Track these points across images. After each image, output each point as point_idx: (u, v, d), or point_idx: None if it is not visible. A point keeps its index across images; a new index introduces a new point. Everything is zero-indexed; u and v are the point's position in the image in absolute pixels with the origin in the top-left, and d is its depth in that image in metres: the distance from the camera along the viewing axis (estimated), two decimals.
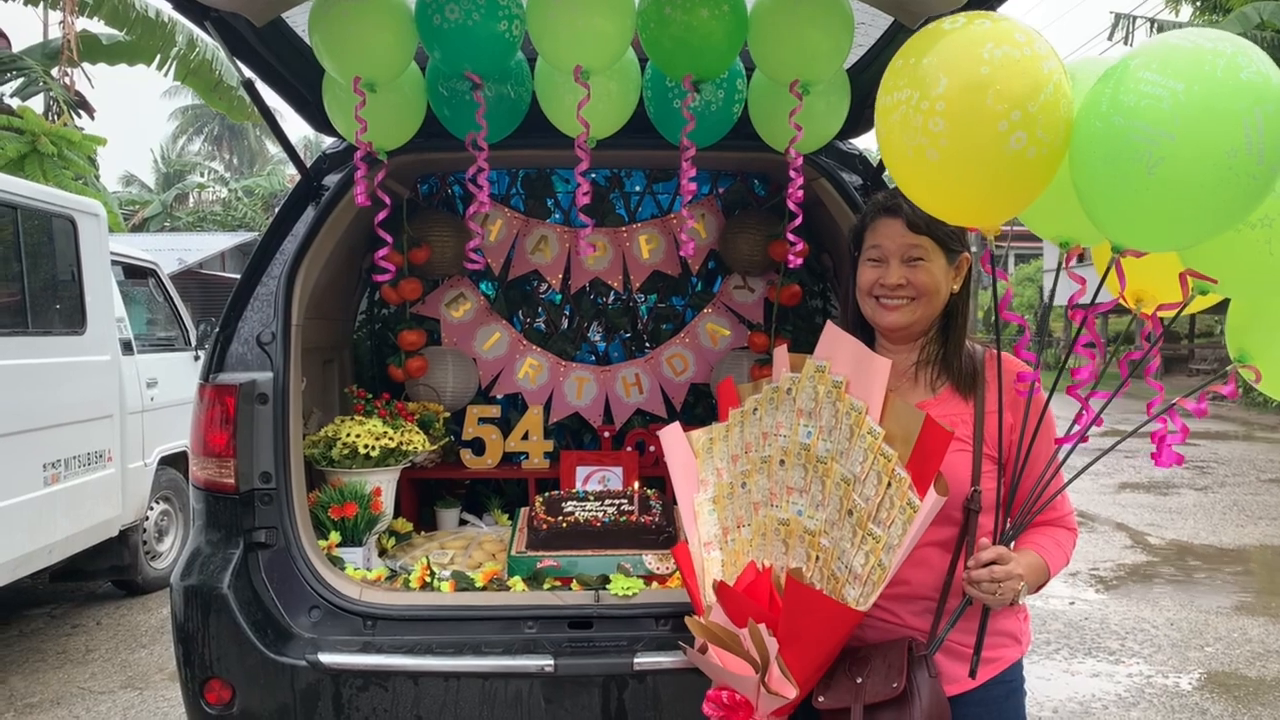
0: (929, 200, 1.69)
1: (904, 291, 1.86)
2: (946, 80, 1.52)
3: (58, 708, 4.47)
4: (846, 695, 1.75)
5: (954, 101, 1.51)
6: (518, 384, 3.93)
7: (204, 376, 2.65)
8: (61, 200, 5.35)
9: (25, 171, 8.96)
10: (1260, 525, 8.21)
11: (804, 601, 1.70)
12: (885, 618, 1.83)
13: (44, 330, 5.04)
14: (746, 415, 2.05)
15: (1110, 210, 1.55)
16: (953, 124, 1.52)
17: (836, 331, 1.87)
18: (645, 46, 2.32)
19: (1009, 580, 1.70)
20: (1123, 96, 1.46)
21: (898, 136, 1.60)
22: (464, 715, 2.41)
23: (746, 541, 1.99)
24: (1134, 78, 1.45)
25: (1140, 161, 1.43)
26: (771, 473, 1.94)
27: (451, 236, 3.67)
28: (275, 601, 2.52)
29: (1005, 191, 1.60)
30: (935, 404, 1.86)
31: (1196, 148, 1.40)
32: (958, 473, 1.78)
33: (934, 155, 1.55)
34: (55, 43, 11.68)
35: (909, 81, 1.57)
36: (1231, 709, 4.38)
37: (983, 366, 1.88)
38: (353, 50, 2.24)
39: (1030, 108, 1.50)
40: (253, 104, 2.63)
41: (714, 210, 3.91)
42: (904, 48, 1.63)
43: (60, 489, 5.03)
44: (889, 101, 1.61)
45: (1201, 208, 1.45)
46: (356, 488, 2.94)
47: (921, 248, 1.84)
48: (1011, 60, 1.50)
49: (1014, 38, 1.52)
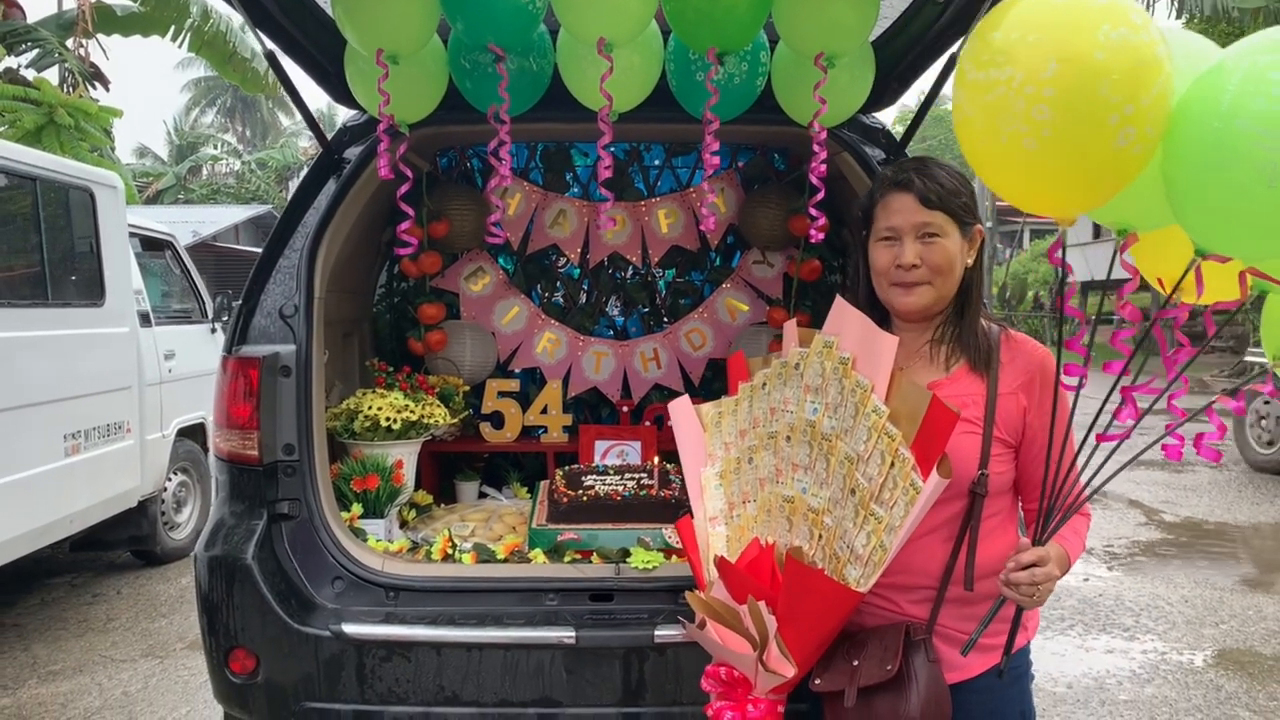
0: (1010, 187, 1.57)
1: (918, 272, 1.78)
2: (1056, 64, 1.37)
3: (80, 675, 4.53)
4: (842, 678, 1.73)
5: (1064, 87, 1.36)
6: (536, 358, 3.94)
7: (227, 349, 2.66)
8: (79, 172, 5.36)
9: (42, 143, 8.97)
10: (1275, 503, 8.19)
11: (803, 580, 1.68)
12: (884, 605, 1.81)
13: (63, 302, 5.07)
14: (755, 390, 2.04)
15: (1209, 215, 1.42)
16: (1060, 113, 1.38)
17: (845, 307, 1.82)
18: (669, 18, 2.29)
19: (1048, 582, 1.64)
20: (1250, 100, 1.32)
21: (989, 119, 1.46)
22: (486, 685, 2.43)
23: (751, 517, 1.97)
24: (1264, 78, 1.32)
25: (1260, 172, 1.31)
26: (778, 449, 1.92)
27: (471, 210, 3.67)
28: (299, 572, 2.54)
29: (1098, 186, 1.49)
30: (948, 383, 1.80)
31: None
32: (965, 455, 1.73)
33: (1031, 144, 1.42)
34: (70, 14, 11.66)
35: (1010, 59, 1.41)
36: (1246, 685, 4.39)
37: (998, 346, 1.81)
38: (376, 22, 2.23)
39: (1144, 100, 1.36)
40: (275, 76, 2.61)
41: (734, 184, 3.88)
42: (996, 16, 1.47)
43: (80, 460, 5.08)
44: (982, 78, 1.45)
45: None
46: (378, 460, 2.96)
47: (935, 224, 1.76)
48: (1129, 45, 1.35)
49: (1130, 18, 1.37)
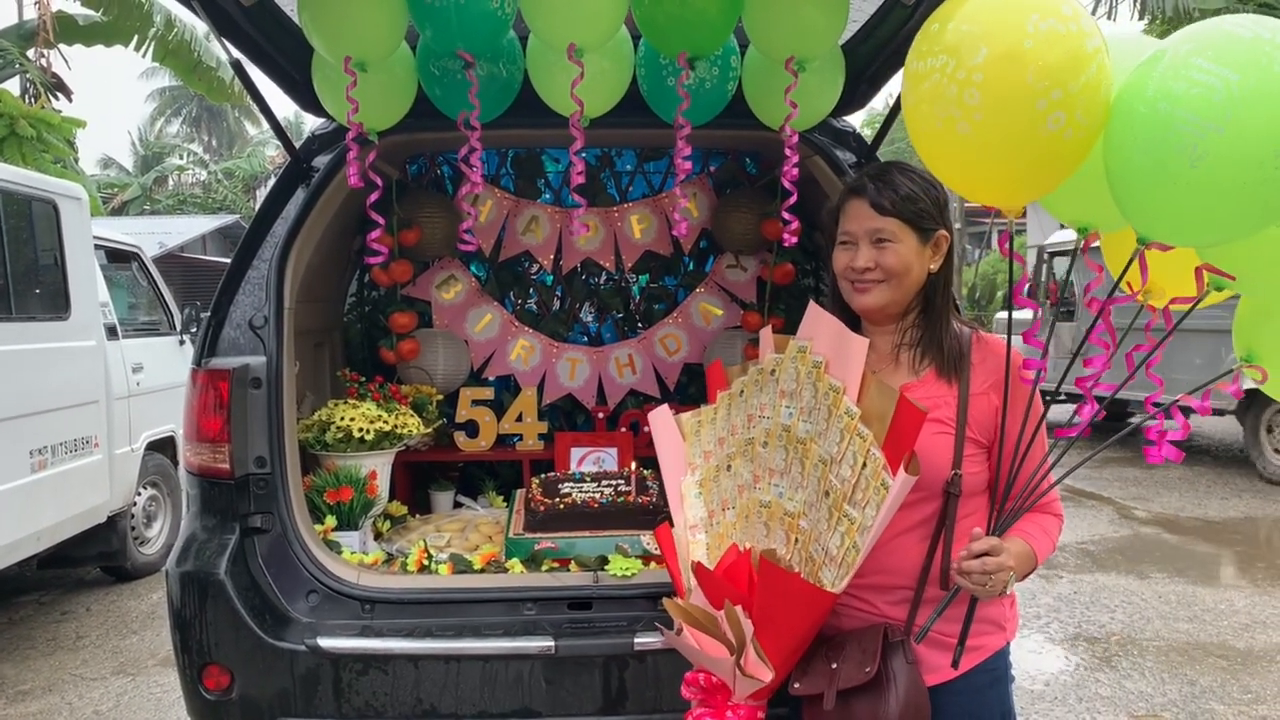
0: (953, 175, 1.63)
1: (872, 275, 1.82)
2: (987, 50, 1.43)
3: (50, 694, 4.45)
4: (821, 680, 1.74)
5: (992, 73, 1.43)
6: (510, 365, 3.91)
7: (196, 361, 2.62)
8: (43, 184, 5.28)
9: (4, 155, 8.85)
10: (1244, 498, 8.30)
11: (778, 583, 1.69)
12: (862, 607, 1.82)
13: (27, 316, 4.99)
14: (733, 398, 2.05)
15: (1143, 200, 1.48)
16: (989, 97, 1.44)
17: (818, 311, 1.86)
18: (639, 23, 2.29)
19: (1000, 572, 1.64)
20: (1172, 82, 1.37)
21: (927, 106, 1.52)
22: (465, 697, 2.41)
23: (731, 524, 1.98)
24: (1185, 63, 1.37)
25: (1183, 153, 1.36)
26: (755, 455, 1.93)
27: (442, 218, 3.64)
28: (272, 586, 2.50)
29: (1035, 172, 1.54)
30: (918, 386, 1.83)
31: (1245, 144, 1.33)
32: (939, 456, 1.75)
33: (965, 129, 1.48)
34: (31, 24, 11.52)
35: (944, 48, 1.48)
36: (1221, 680, 4.43)
37: (969, 348, 1.84)
38: (343, 29, 2.21)
39: (1072, 87, 1.42)
40: (241, 85, 2.59)
41: (706, 189, 3.88)
42: (941, 10, 1.54)
43: (47, 475, 5.00)
44: (920, 68, 1.52)
45: (1241, 207, 1.38)
46: (351, 471, 2.93)
47: (888, 229, 1.80)
48: (1056, 35, 1.41)
49: (1060, 10, 1.44)
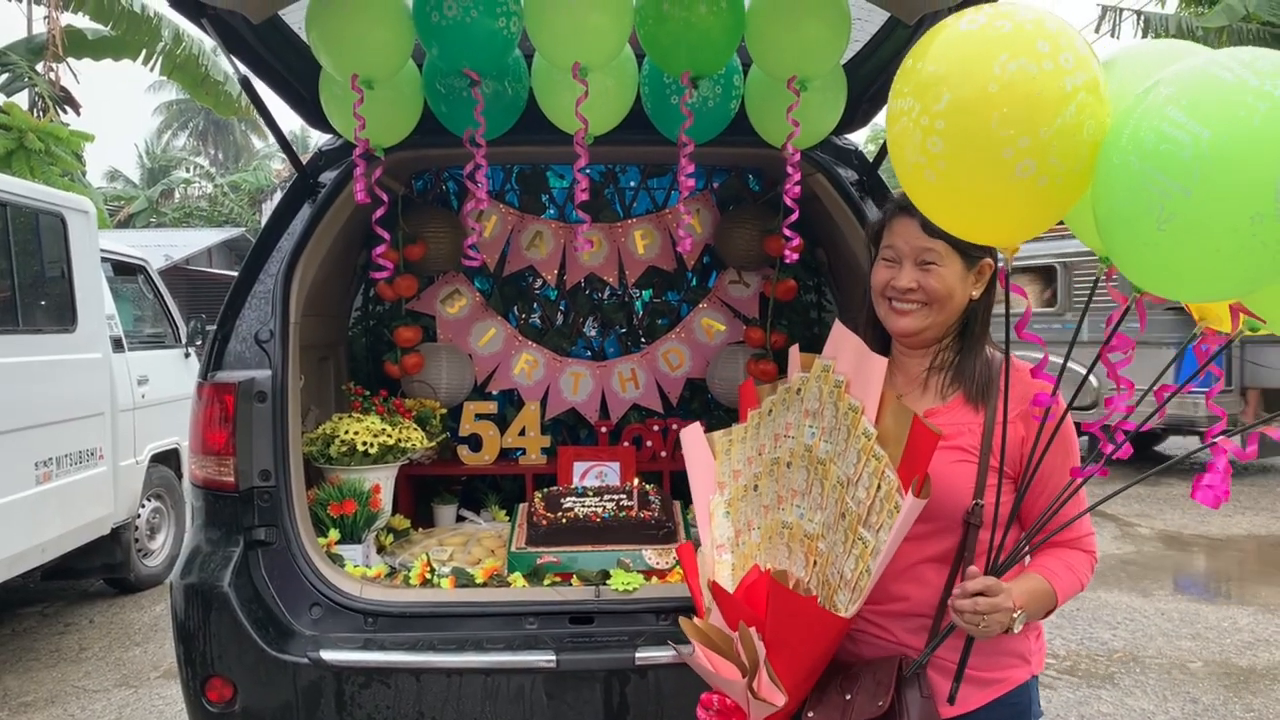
0: (936, 215, 1.55)
1: (915, 296, 1.78)
2: (949, 96, 1.34)
3: (52, 706, 4.45)
4: (835, 712, 1.70)
5: (953, 122, 1.33)
6: (514, 380, 3.93)
7: (203, 375, 2.64)
8: (50, 197, 5.31)
9: (13, 168, 8.92)
10: (1248, 515, 8.28)
11: (787, 605, 1.67)
12: (880, 635, 1.78)
13: (34, 328, 5.01)
14: (763, 417, 2.03)
15: (1124, 253, 1.37)
16: (951, 147, 1.35)
17: (843, 330, 1.85)
18: (643, 43, 2.32)
19: (995, 613, 1.59)
20: (1143, 134, 1.25)
21: (899, 149, 1.45)
22: (466, 711, 2.41)
23: (755, 545, 1.96)
24: (1159, 112, 1.25)
25: (1151, 213, 1.25)
26: (779, 475, 1.93)
27: (447, 233, 3.67)
28: (276, 599, 2.52)
29: (1013, 217, 1.44)
30: (944, 412, 1.79)
31: (1214, 208, 1.20)
32: (959, 484, 1.72)
33: (931, 176, 1.40)
34: (40, 38, 11.62)
35: (913, 89, 1.40)
36: (1223, 697, 4.42)
37: (999, 375, 1.77)
38: (350, 47, 2.24)
39: (1043, 134, 1.30)
40: (250, 102, 2.62)
41: (709, 205, 3.91)
42: (918, 44, 1.46)
43: (52, 487, 5.01)
44: (894, 108, 1.44)
45: (1221, 270, 1.26)
46: (355, 485, 2.94)
47: (935, 251, 1.76)
48: (1027, 77, 1.30)
49: (1035, 47, 1.32)
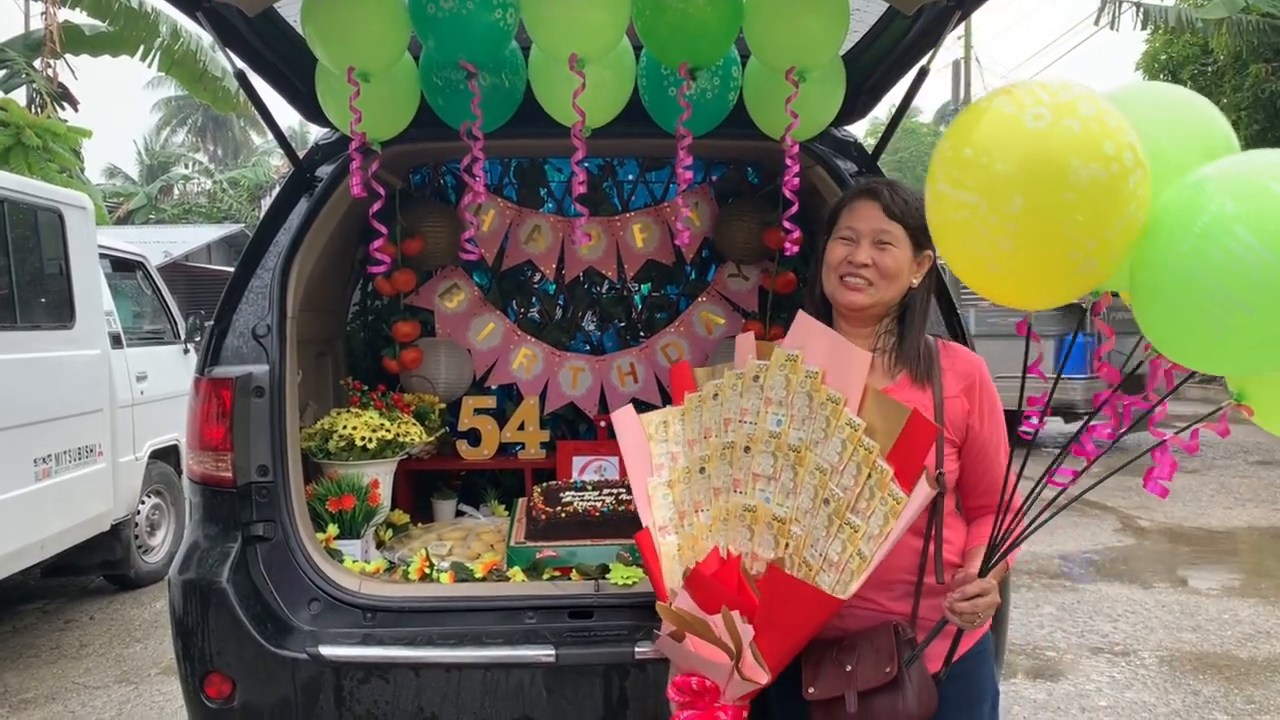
0: (978, 286, 1.54)
1: (868, 272, 1.90)
2: (1022, 201, 1.32)
3: (53, 703, 4.45)
4: (838, 683, 1.78)
5: (1026, 225, 1.33)
6: (512, 374, 3.92)
7: (200, 370, 2.63)
8: (48, 193, 5.30)
9: (10, 164, 8.88)
10: (1248, 508, 8.27)
11: (785, 589, 1.72)
12: (866, 606, 1.84)
13: (32, 325, 5.00)
14: (705, 400, 2.08)
15: (1163, 335, 1.41)
16: (1020, 246, 1.35)
17: (810, 321, 1.92)
18: (640, 34, 2.31)
19: (989, 609, 1.75)
20: (1209, 248, 1.26)
21: (957, 235, 1.44)
22: (466, 706, 2.41)
23: (705, 526, 2.01)
24: (1225, 229, 1.25)
25: (1208, 321, 1.28)
26: (735, 459, 1.97)
27: (445, 227, 3.66)
28: (274, 595, 2.51)
29: (1067, 294, 1.47)
30: (895, 390, 1.89)
31: (1274, 329, 1.25)
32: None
33: (994, 269, 1.42)
34: (37, 34, 11.58)
35: (977, 185, 1.37)
36: (1224, 689, 4.42)
37: (937, 355, 1.95)
38: (346, 40, 2.22)
39: (1109, 235, 1.32)
40: (245, 95, 2.60)
41: (708, 198, 3.90)
42: (965, 128, 1.42)
43: (51, 484, 5.00)
44: (951, 196, 1.41)
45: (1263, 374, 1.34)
46: (353, 480, 2.93)
47: (892, 234, 1.90)
48: (1098, 183, 1.29)
49: (1103, 150, 1.30)
